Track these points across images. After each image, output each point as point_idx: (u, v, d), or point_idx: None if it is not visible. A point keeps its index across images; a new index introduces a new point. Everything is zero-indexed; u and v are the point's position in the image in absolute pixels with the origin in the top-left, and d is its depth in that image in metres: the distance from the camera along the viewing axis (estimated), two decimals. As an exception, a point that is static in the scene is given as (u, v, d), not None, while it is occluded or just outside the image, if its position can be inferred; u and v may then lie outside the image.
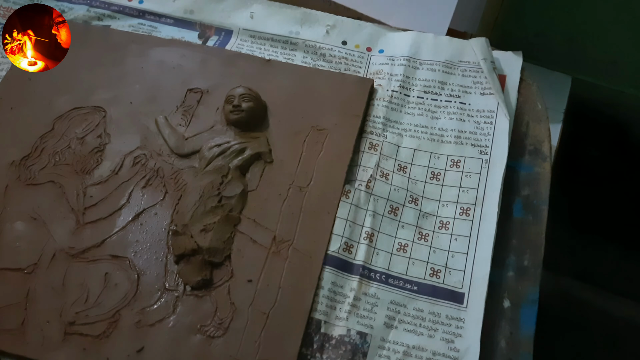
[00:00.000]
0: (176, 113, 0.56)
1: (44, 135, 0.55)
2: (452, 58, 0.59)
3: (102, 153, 0.54)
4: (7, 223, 0.50)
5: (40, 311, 0.46)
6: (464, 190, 0.51)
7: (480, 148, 0.53)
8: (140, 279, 0.47)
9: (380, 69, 0.59)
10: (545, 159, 0.53)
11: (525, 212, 0.51)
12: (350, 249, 0.49)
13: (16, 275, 0.48)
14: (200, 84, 0.57)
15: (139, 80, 0.58)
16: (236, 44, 0.62)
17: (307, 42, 0.61)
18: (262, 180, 0.52)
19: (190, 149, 0.54)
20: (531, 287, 0.48)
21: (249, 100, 0.54)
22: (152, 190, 0.51)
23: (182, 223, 0.49)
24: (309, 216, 0.50)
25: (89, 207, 0.51)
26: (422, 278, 0.48)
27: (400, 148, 0.54)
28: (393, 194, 0.51)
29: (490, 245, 0.48)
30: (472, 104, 0.56)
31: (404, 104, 0.56)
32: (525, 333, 0.46)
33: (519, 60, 0.58)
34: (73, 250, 0.49)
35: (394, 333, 0.46)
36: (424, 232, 0.50)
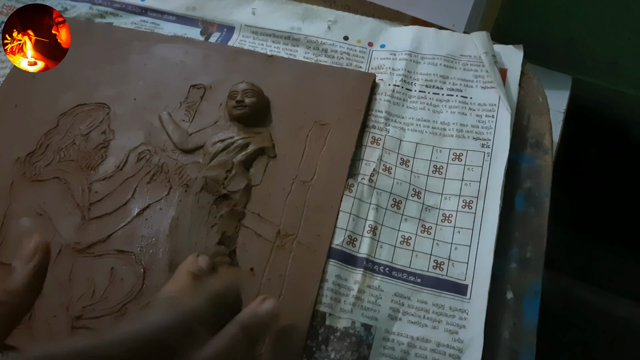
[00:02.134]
0: (180, 109, 0.56)
1: (48, 132, 0.55)
2: (453, 52, 0.59)
3: (106, 149, 0.54)
4: (13, 219, 0.51)
5: (47, 306, 0.47)
6: (467, 183, 0.52)
7: (482, 141, 0.53)
8: (146, 274, 0.48)
9: (382, 63, 0.59)
10: (547, 152, 0.54)
11: (527, 204, 0.51)
12: (354, 242, 0.49)
13: (23, 270, 0.48)
14: (203, 80, 0.58)
15: (142, 76, 0.58)
16: (238, 40, 0.63)
17: (309, 38, 0.61)
18: (266, 175, 0.52)
19: (194, 144, 0.54)
20: (534, 279, 0.48)
21: (252, 96, 0.54)
22: (156, 185, 0.52)
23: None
24: (313, 210, 0.50)
25: (94, 203, 0.51)
26: (425, 270, 0.48)
27: (403, 142, 0.54)
28: (396, 188, 0.52)
29: (493, 237, 0.48)
30: (473, 97, 0.56)
31: (405, 98, 0.57)
32: (528, 324, 0.46)
33: (519, 54, 0.58)
34: (79, 245, 0.49)
35: (398, 325, 0.46)
36: (427, 225, 0.50)
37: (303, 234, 0.49)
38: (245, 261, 0.48)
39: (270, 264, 0.48)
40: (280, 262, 0.48)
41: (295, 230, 0.49)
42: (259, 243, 0.49)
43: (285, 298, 0.46)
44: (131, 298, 0.47)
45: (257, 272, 0.47)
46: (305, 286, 0.47)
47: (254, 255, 0.48)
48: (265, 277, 0.47)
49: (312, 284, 0.47)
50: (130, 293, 0.47)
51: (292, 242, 0.48)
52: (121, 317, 0.46)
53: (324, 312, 0.46)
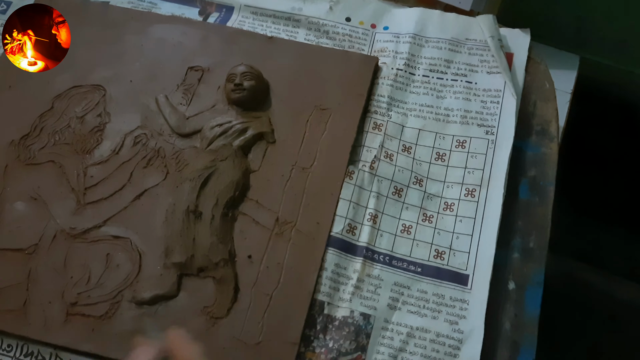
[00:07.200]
0: (177, 92, 0.55)
1: (43, 114, 0.54)
2: (458, 36, 0.57)
3: (102, 132, 0.53)
4: (7, 203, 0.50)
5: (42, 292, 0.46)
6: (470, 171, 0.51)
7: (487, 128, 0.52)
8: (142, 260, 0.47)
9: (384, 46, 0.58)
10: (553, 139, 0.52)
11: (532, 193, 0.50)
12: (353, 231, 0.48)
13: (17, 255, 0.47)
14: (201, 62, 0.56)
15: (138, 58, 0.57)
16: (237, 20, 0.61)
17: (310, 19, 0.60)
18: (265, 161, 0.51)
19: (192, 128, 0.53)
20: (536, 269, 0.47)
21: (250, 79, 0.53)
22: (153, 170, 0.51)
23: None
24: (312, 197, 0.49)
25: (90, 187, 0.50)
26: (426, 260, 0.48)
27: (405, 128, 0.53)
28: (397, 175, 0.51)
29: (496, 226, 0.48)
30: (478, 83, 0.55)
31: (409, 82, 0.55)
32: (529, 315, 0.46)
33: (526, 38, 0.57)
34: (74, 230, 0.48)
35: (397, 314, 0.46)
36: (428, 213, 0.50)
37: (302, 221, 0.48)
38: (243, 249, 0.47)
39: (268, 252, 0.47)
40: (279, 250, 0.47)
41: (294, 217, 0.48)
42: (257, 230, 0.48)
43: (283, 286, 0.46)
44: (127, 284, 0.46)
45: (255, 260, 0.47)
46: (303, 274, 0.46)
47: (252, 242, 0.47)
48: (263, 265, 0.46)
49: (311, 273, 0.46)
50: (126, 279, 0.46)
51: (291, 230, 0.48)
52: (117, 304, 0.45)
53: (323, 301, 0.46)
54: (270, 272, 0.46)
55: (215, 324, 0.44)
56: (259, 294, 0.45)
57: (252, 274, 0.46)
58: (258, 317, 0.44)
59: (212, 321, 0.45)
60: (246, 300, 0.45)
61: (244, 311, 0.45)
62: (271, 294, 0.45)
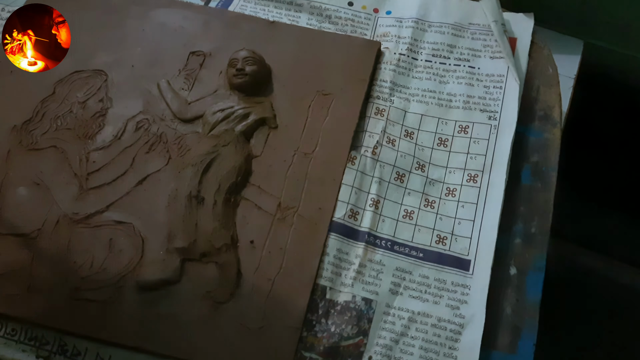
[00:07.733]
0: (179, 77, 0.55)
1: (45, 99, 0.54)
2: (461, 20, 0.57)
3: (104, 117, 0.53)
4: (10, 188, 0.50)
5: (46, 276, 0.46)
6: (472, 157, 0.50)
7: (489, 113, 0.52)
8: (145, 245, 0.47)
9: (387, 31, 0.57)
10: (556, 125, 0.52)
11: (534, 178, 0.50)
12: (355, 216, 0.48)
13: (21, 240, 0.48)
14: (203, 46, 0.56)
15: (140, 43, 0.57)
16: (239, 5, 0.60)
17: (312, 3, 0.59)
18: (267, 146, 0.51)
19: (194, 113, 0.53)
20: (538, 255, 0.47)
21: (252, 64, 0.53)
22: (155, 155, 0.51)
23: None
24: (314, 183, 0.49)
25: (92, 173, 0.50)
26: (428, 245, 0.48)
27: (408, 113, 0.53)
28: (399, 161, 0.51)
29: (498, 212, 0.48)
30: (481, 68, 0.54)
31: (411, 67, 0.55)
32: (531, 300, 0.46)
33: (530, 22, 0.57)
34: (77, 215, 0.48)
35: (399, 299, 0.46)
36: (430, 199, 0.50)
37: (304, 206, 0.48)
38: (245, 234, 0.47)
39: (270, 237, 0.47)
40: (281, 235, 0.47)
41: (296, 203, 0.48)
42: (259, 216, 0.48)
43: (285, 271, 0.46)
44: (130, 270, 0.46)
45: (257, 245, 0.47)
46: (305, 259, 0.46)
47: (254, 228, 0.47)
48: (265, 250, 0.47)
49: (313, 258, 0.46)
50: (129, 264, 0.46)
51: (293, 215, 0.48)
52: (120, 289, 0.45)
53: (325, 285, 0.46)
54: (273, 257, 0.46)
55: (217, 308, 0.45)
56: (261, 279, 0.45)
57: (254, 259, 0.46)
58: (260, 301, 0.45)
59: (215, 306, 0.45)
60: (248, 285, 0.45)
61: (247, 296, 0.45)
62: (273, 278, 0.45)
